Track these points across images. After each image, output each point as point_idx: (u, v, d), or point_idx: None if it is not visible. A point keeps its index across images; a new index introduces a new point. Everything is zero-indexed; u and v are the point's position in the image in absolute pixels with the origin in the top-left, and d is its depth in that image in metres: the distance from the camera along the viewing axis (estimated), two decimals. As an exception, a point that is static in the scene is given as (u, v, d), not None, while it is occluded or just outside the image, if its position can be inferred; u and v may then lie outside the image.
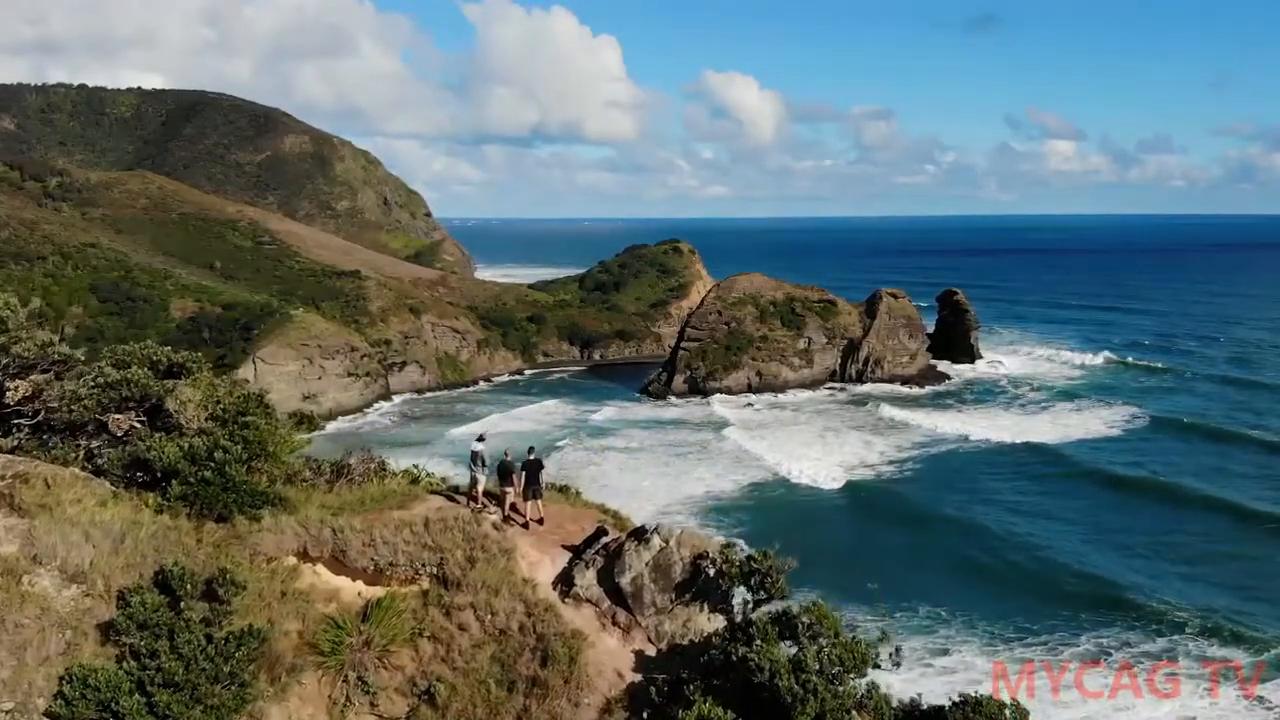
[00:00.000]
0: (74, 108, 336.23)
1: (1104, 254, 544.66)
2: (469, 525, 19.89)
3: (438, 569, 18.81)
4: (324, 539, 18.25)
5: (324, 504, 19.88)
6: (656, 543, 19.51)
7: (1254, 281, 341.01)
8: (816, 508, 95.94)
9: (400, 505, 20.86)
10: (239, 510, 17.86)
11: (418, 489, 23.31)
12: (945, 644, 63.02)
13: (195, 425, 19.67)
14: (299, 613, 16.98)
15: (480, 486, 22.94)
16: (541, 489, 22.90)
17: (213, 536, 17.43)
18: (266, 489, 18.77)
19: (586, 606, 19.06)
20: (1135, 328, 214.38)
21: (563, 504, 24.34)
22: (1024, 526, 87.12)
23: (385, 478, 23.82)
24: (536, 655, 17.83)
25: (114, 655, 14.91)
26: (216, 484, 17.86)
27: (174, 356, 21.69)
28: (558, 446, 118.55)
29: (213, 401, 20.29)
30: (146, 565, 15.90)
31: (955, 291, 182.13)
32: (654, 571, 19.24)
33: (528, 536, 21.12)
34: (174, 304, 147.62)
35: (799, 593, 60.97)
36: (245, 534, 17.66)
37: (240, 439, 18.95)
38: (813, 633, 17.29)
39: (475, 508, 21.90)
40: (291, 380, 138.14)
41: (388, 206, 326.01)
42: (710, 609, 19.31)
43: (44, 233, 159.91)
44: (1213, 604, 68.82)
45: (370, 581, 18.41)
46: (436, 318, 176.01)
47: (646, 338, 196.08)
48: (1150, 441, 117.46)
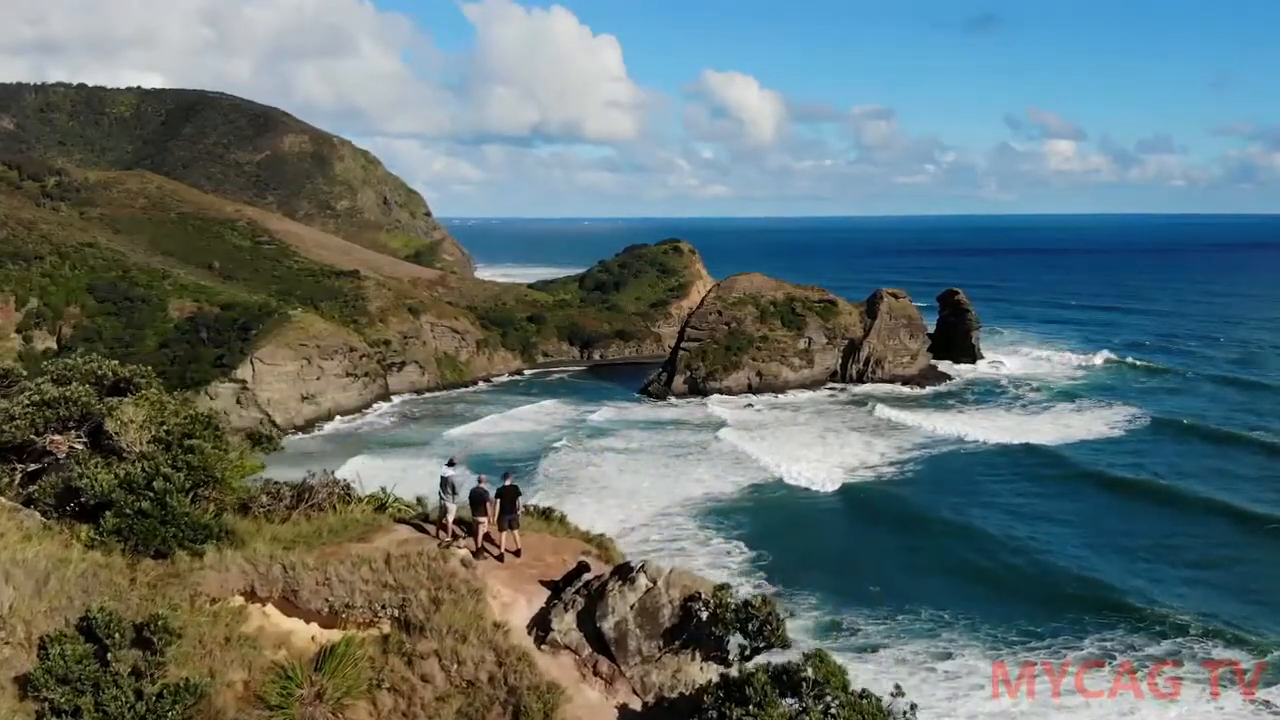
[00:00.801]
0: (73, 107, 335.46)
1: (1104, 254, 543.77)
2: (434, 562, 18.16)
3: (399, 611, 17.09)
4: (273, 577, 16.57)
5: (275, 537, 18.29)
6: (643, 583, 17.89)
7: (1255, 281, 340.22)
8: (817, 509, 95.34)
9: (361, 537, 19.28)
10: (179, 545, 16.33)
11: (383, 518, 21.83)
12: (948, 647, 62.50)
13: (137, 449, 18.00)
14: (244, 660, 15.29)
15: (451, 516, 21.38)
16: (518, 518, 21.28)
17: (149, 575, 15.80)
18: (211, 521, 17.20)
19: (565, 654, 17.44)
20: (1136, 328, 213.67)
21: (543, 532, 22.62)
22: (1026, 529, 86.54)
23: (350, 504, 22.07)
24: (508, 710, 16.24)
25: (34, 712, 13.49)
26: (155, 516, 16.29)
27: (120, 371, 20.09)
28: (556, 447, 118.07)
29: (156, 423, 18.53)
30: (73, 609, 14.30)
31: (956, 291, 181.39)
32: (640, 615, 17.58)
33: (501, 571, 19.56)
34: (172, 304, 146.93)
35: (801, 595, 60.60)
36: (186, 572, 16.03)
37: (184, 465, 17.32)
38: (818, 691, 15.63)
39: (444, 540, 20.43)
40: (290, 380, 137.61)
41: (387, 206, 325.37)
42: (703, 657, 17.69)
43: (42, 232, 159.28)
44: (1215, 606, 68.14)
45: (325, 624, 16.70)
46: (436, 318, 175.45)
47: (646, 338, 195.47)
48: (1151, 443, 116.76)
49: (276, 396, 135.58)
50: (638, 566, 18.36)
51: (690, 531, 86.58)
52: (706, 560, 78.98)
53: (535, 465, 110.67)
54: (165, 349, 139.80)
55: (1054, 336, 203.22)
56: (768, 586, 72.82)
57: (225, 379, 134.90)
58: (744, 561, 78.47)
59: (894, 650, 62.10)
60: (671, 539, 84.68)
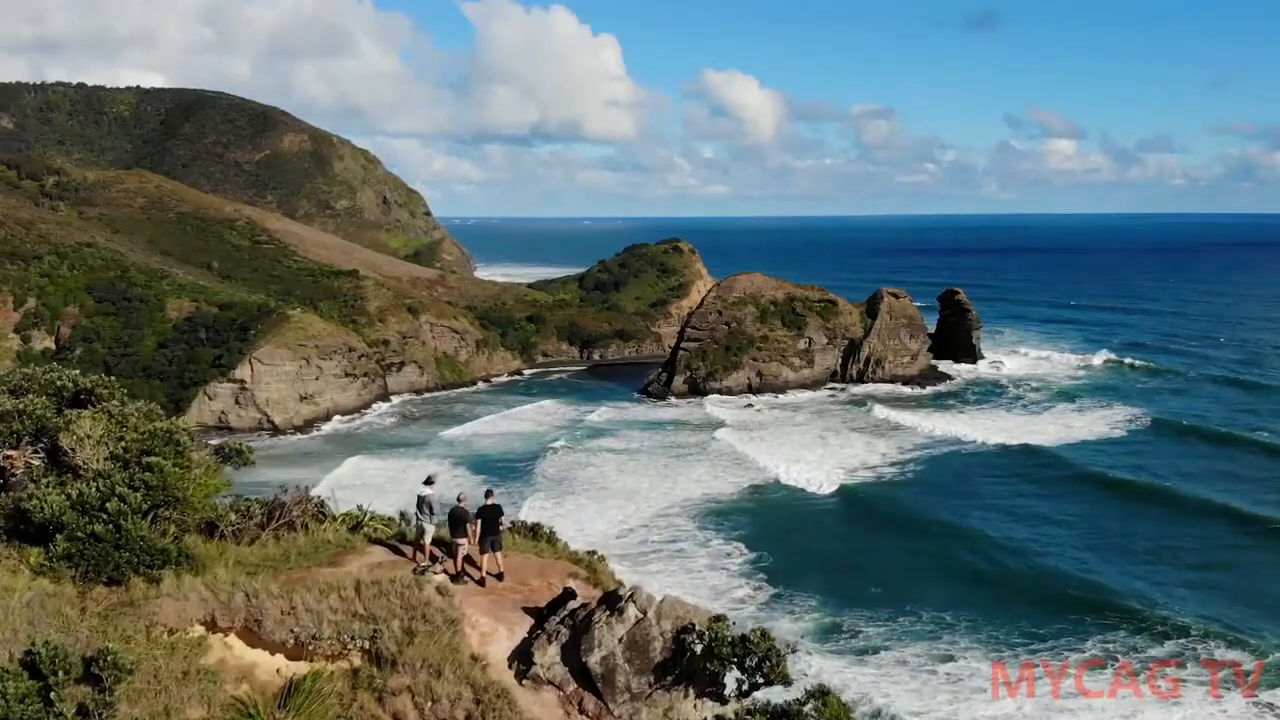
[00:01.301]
0: (73, 106, 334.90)
1: (1105, 253, 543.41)
2: (408, 590, 16.96)
3: (370, 643, 15.93)
4: (236, 606, 15.44)
5: (240, 560, 17.20)
6: (632, 614, 16.64)
7: (1256, 281, 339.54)
8: (817, 511, 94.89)
9: (332, 560, 18.21)
10: (134, 571, 15.20)
11: (357, 539, 20.70)
12: (949, 650, 62.08)
13: (93, 466, 16.85)
14: (204, 696, 14.15)
15: (428, 537, 20.29)
16: (501, 539, 20.08)
17: (101, 604, 14.72)
18: (170, 545, 16.09)
19: (548, 690, 16.26)
20: (1136, 327, 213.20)
21: (529, 552, 21.35)
22: (1027, 531, 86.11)
23: (323, 523, 21.05)
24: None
25: None
26: (108, 540, 15.20)
27: (81, 381, 19.03)
28: (555, 448, 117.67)
29: (115, 438, 17.48)
30: (17, 642, 13.11)
31: (957, 291, 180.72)
32: (629, 649, 16.35)
33: (482, 597, 18.33)
34: (170, 304, 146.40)
35: (801, 597, 59.89)
36: (141, 600, 14.90)
37: (141, 484, 16.22)
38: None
39: (422, 563, 19.43)
40: (289, 381, 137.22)
41: (387, 206, 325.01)
42: (696, 694, 16.57)
43: (40, 232, 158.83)
44: (1217, 608, 67.76)
45: (291, 656, 15.62)
46: (435, 318, 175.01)
47: (646, 338, 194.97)
48: (1152, 444, 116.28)
49: (275, 397, 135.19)
50: (626, 595, 17.10)
51: (689, 532, 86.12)
52: (706, 562, 78.60)
53: (534, 466, 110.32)
54: (164, 349, 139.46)
55: (1054, 336, 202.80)
56: (768, 588, 72.55)
57: (224, 379, 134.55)
58: (744, 563, 78.00)
59: (895, 652, 61.67)
60: (671, 540, 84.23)
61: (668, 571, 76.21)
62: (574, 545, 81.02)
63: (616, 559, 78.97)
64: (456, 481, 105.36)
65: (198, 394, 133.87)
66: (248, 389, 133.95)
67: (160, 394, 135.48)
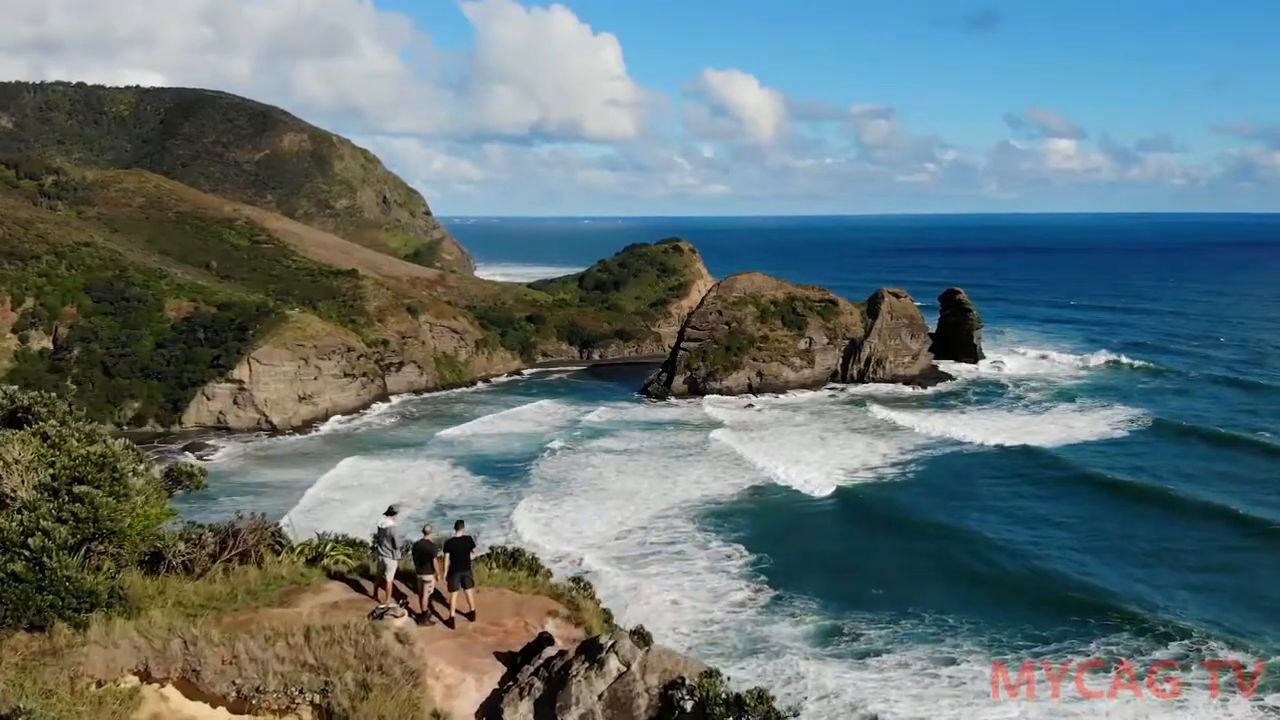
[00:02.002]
0: (72, 106, 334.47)
1: (1105, 252, 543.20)
2: (363, 637, 15.20)
3: (321, 696, 14.39)
4: (172, 654, 13.97)
5: (180, 602, 15.56)
6: (614, 666, 15.02)
7: (1257, 280, 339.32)
8: (818, 513, 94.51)
9: (283, 600, 16.42)
10: (59, 615, 13.70)
11: (314, 573, 18.73)
12: (952, 653, 61.72)
13: (21, 496, 15.17)
14: None
15: (390, 574, 18.53)
16: (472, 575, 18.31)
17: (19, 653, 13.23)
18: (100, 585, 14.46)
19: None
20: (1137, 327, 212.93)
21: (505, 586, 19.33)
22: (1028, 533, 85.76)
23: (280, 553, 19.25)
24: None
25: None
26: (29, 580, 13.65)
27: (19, 399, 17.51)
28: (554, 448, 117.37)
29: (47, 463, 15.76)
30: None
31: (958, 290, 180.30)
32: (610, 707, 14.77)
33: (450, 641, 16.74)
34: (168, 304, 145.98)
35: (802, 600, 59.54)
36: (65, 648, 13.40)
37: (70, 516, 14.60)
38: None
39: (382, 604, 17.64)
40: (287, 381, 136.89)
41: (387, 205, 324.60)
42: None
43: (38, 231, 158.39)
44: (1220, 611, 67.44)
45: (234, 709, 14.17)
46: (434, 317, 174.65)
47: (646, 337, 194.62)
48: (1153, 445, 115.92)
49: (273, 397, 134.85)
50: (608, 645, 15.41)
51: (689, 534, 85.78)
52: (706, 564, 78.27)
53: (533, 466, 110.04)
54: (162, 349, 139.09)
55: (1055, 336, 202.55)
56: (769, 590, 72.22)
57: (222, 379, 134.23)
58: (744, 565, 77.67)
59: (896, 655, 61.34)
60: (670, 541, 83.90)
61: (666, 574, 75.90)
62: (572, 547, 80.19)
63: (615, 561, 78.91)
64: (456, 482, 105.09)
65: (196, 394, 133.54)
66: (246, 389, 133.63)
67: (158, 394, 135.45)
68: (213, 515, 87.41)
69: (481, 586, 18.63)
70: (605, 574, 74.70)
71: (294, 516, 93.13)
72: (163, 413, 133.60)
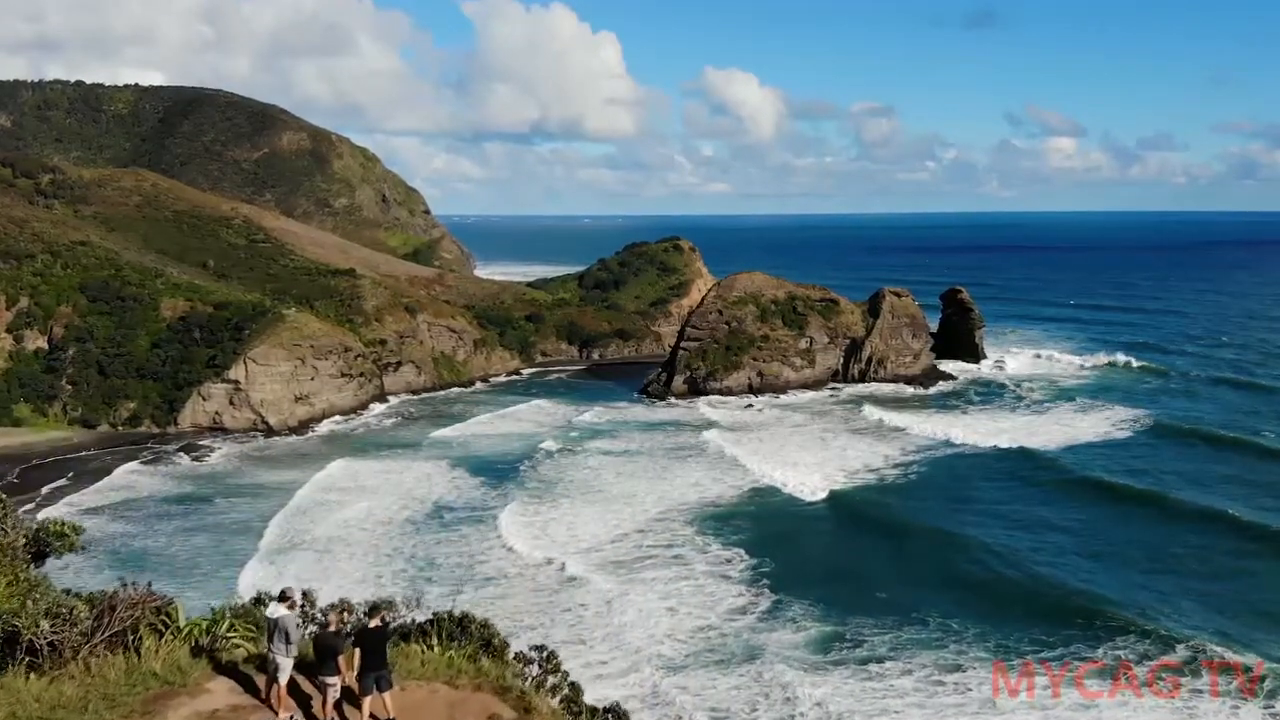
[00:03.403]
0: (70, 104, 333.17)
1: (1106, 251, 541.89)
2: None
3: None
4: None
5: (14, 715, 12.53)
6: None
7: (1259, 279, 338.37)
8: (819, 515, 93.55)
9: (146, 710, 12.97)
10: None
11: (197, 666, 15.23)
12: (958, 659, 60.84)
13: None
14: None
15: (284, 677, 15.03)
16: (389, 675, 15.01)
17: None
18: None
19: None
20: (1138, 327, 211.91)
21: (440, 676, 15.62)
22: (1030, 537, 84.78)
23: (163, 636, 15.80)
24: None
25: None
26: None
27: None
28: (551, 449, 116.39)
29: None
30: None
31: (960, 290, 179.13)
32: None
33: None
34: (164, 303, 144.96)
35: (803, 606, 58.33)
36: None
37: None
38: None
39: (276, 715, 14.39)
40: (284, 381, 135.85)
41: (386, 204, 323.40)
42: None
43: (34, 230, 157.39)
44: (1226, 616, 66.66)
45: None
46: (433, 317, 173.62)
47: (646, 337, 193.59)
48: (1154, 447, 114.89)
49: (270, 397, 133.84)
50: None
51: (688, 538, 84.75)
52: (705, 569, 77.25)
53: (530, 467, 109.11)
54: (157, 349, 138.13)
55: (1056, 336, 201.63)
56: (769, 595, 71.26)
57: (218, 379, 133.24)
58: (745, 570, 76.65)
59: (900, 663, 60.37)
60: (668, 545, 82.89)
61: (664, 579, 74.86)
62: (570, 550, 78.36)
63: (612, 566, 77.90)
64: (455, 483, 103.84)
65: (192, 394, 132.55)
66: (242, 389, 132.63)
67: (154, 394, 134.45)
68: (209, 518, 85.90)
69: (408, 680, 15.21)
70: (593, 581, 73.84)
71: (283, 518, 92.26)
72: (158, 413, 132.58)
